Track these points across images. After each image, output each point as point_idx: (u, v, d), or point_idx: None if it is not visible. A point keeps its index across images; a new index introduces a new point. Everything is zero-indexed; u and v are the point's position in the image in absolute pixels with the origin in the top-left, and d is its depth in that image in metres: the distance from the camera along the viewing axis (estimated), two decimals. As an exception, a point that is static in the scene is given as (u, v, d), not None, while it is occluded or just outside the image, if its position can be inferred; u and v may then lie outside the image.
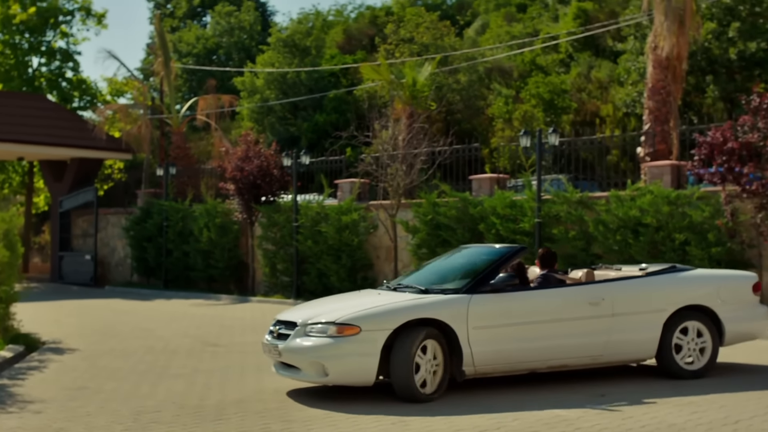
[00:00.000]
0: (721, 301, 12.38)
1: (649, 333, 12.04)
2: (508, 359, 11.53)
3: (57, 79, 42.42)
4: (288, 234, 26.29)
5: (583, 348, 11.85)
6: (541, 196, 20.74)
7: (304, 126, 42.45)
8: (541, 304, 11.91)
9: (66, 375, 13.43)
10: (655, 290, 12.32)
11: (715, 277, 13.15)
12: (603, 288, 12.12)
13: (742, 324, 12.59)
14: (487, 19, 51.53)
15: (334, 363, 10.86)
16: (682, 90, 24.31)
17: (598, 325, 11.84)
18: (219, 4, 60.27)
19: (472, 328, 11.19)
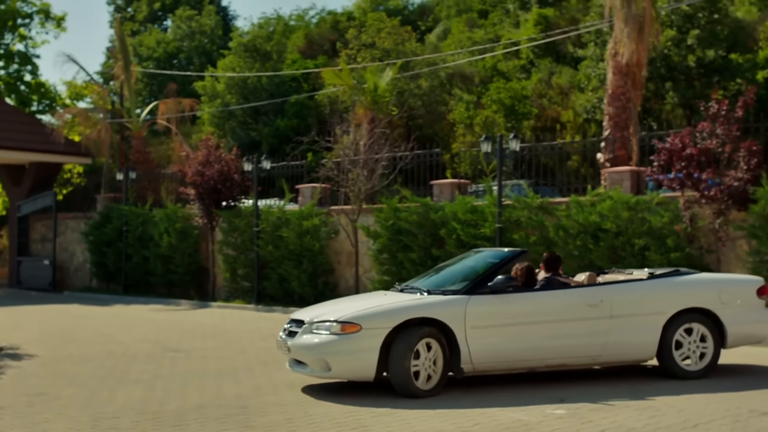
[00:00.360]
0: (723, 304, 12.63)
1: (648, 335, 12.35)
2: (506, 358, 11.97)
3: (15, 82, 42.15)
4: (249, 239, 26.22)
5: (581, 348, 12.22)
6: (501, 201, 20.80)
7: (265, 131, 42.38)
8: (538, 306, 12.28)
9: (24, 381, 13.31)
10: (654, 293, 12.62)
11: (717, 280, 13.48)
12: (601, 291, 12.45)
13: (745, 327, 12.83)
14: (448, 25, 51.70)
15: (336, 359, 11.46)
16: (641, 96, 24.46)
17: (597, 326, 12.19)
18: (180, 8, 60.07)
19: (470, 327, 11.66)
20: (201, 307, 26.08)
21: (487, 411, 10.43)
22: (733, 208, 17.77)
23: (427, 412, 10.48)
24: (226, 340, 18.06)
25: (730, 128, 17.73)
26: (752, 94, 18.29)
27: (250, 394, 11.82)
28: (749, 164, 17.48)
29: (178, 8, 60.43)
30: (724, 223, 17.79)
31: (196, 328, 20.34)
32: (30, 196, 35.61)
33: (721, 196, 17.52)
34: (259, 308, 24.83)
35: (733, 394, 11.31)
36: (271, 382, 12.72)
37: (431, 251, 21.79)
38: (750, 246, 17.87)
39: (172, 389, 12.35)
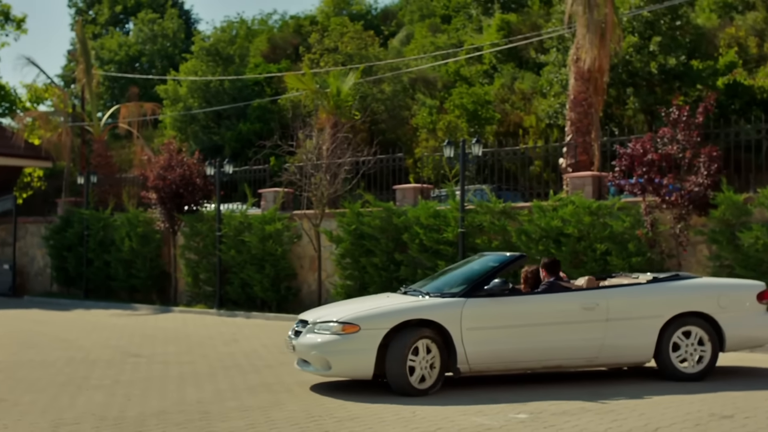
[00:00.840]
0: (722, 308, 12.79)
1: (645, 338, 12.58)
2: (502, 359, 12.33)
3: (-26, 85, 41.81)
4: (211, 243, 26.12)
5: (577, 350, 12.50)
6: (464, 206, 20.83)
7: (227, 135, 42.25)
8: (534, 309, 12.55)
9: (-17, 387, 13.19)
10: (651, 297, 12.86)
11: (715, 285, 13.59)
12: (598, 294, 12.73)
13: (744, 331, 13.02)
14: (411, 30, 51.80)
15: (336, 358, 11.93)
16: (603, 102, 24.62)
17: (593, 329, 12.45)
18: (142, 11, 59.80)
19: (466, 329, 12.02)
20: (163, 312, 25.95)
21: (450, 415, 10.44)
22: (693, 213, 17.91)
23: (390, 417, 10.47)
24: (188, 345, 17.98)
25: (690, 134, 17.86)
26: (712, 101, 18.47)
27: (212, 399, 11.76)
28: (709, 170, 17.62)
29: (140, 11, 60.16)
30: (684, 228, 17.92)
31: (158, 333, 20.23)
32: (-11, 200, 35.34)
33: (682, 201, 17.65)
34: (221, 313, 24.74)
35: (693, 397, 11.38)
36: (233, 387, 12.67)
37: (394, 256, 21.80)
38: (710, 251, 18.02)
39: (133, 395, 12.26)
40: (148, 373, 14.23)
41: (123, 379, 13.60)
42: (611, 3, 23.35)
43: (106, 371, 14.45)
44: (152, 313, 25.70)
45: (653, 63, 31.20)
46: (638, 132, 23.64)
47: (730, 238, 17.48)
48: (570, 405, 10.95)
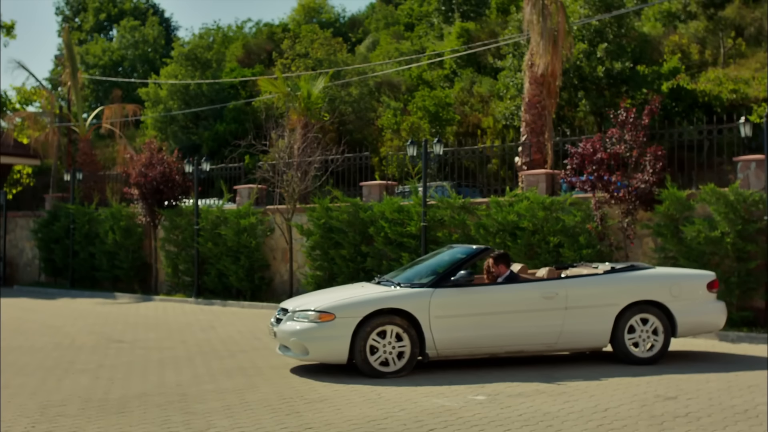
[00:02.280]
0: (674, 296, 12.93)
1: (602, 325, 12.72)
2: (467, 345, 12.48)
3: (-33, 87, 41.38)
4: (189, 236, 25.98)
5: (538, 337, 12.65)
6: (426, 201, 20.81)
7: (205, 135, 42.03)
8: (497, 298, 12.69)
9: (-27, 371, 13.04)
10: (607, 287, 12.98)
11: (668, 275, 13.59)
12: (557, 284, 12.89)
13: (695, 318, 13.16)
14: (377, 37, 51.74)
15: (313, 344, 12.13)
16: (556, 104, 24.66)
17: (552, 317, 12.61)
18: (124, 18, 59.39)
19: (434, 317, 12.22)
20: (144, 301, 25.79)
21: (413, 397, 10.41)
22: (640, 208, 17.96)
23: (357, 398, 10.44)
24: (167, 331, 17.86)
25: (637, 134, 17.91)
26: (657, 103, 18.52)
27: (190, 383, 11.68)
28: (655, 168, 17.67)
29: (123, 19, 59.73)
30: (631, 222, 17.97)
31: (140, 320, 20.09)
32: (-20, 196, 35.03)
33: (629, 197, 17.70)
34: (199, 301, 24.61)
35: (640, 379, 11.43)
36: (210, 371, 12.59)
37: (361, 248, 21.76)
38: (655, 243, 18.09)
39: (116, 378, 12.16)
40: (130, 358, 14.12)
41: (107, 364, 13.48)
42: (563, 12, 23.40)
43: (91, 356, 14.32)
44: (134, 302, 25.53)
45: (601, 68, 31.29)
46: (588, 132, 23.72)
47: (674, 232, 17.55)
48: (525, 387, 10.96)
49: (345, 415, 9.55)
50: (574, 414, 9.43)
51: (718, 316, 13.45)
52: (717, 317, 13.46)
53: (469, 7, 47.38)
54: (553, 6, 23.17)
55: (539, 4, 22.79)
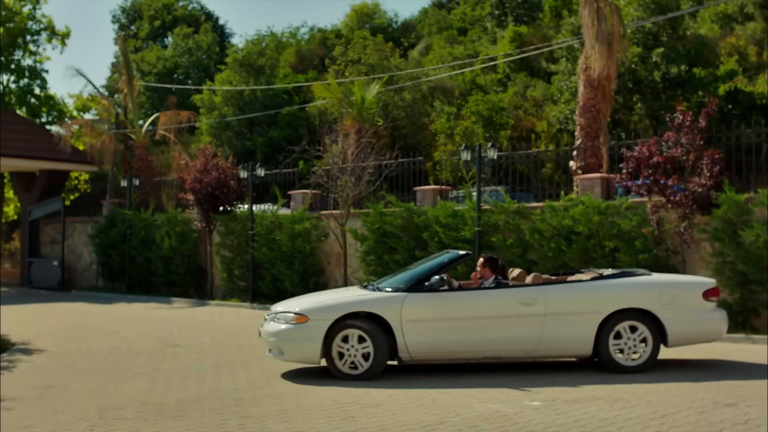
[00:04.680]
0: (664, 305, 12.48)
1: (583, 333, 12.41)
2: (441, 349, 12.48)
3: (26, 95, 41.93)
4: (244, 242, 26.12)
5: (515, 343, 12.43)
6: (480, 206, 20.75)
7: (259, 140, 42.28)
8: (472, 303, 12.63)
9: (34, 374, 13.23)
10: (590, 293, 12.67)
11: (659, 282, 13.04)
12: (537, 291, 12.58)
13: (687, 327, 12.64)
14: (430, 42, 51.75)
15: (288, 345, 12.42)
16: (611, 108, 24.46)
17: (530, 323, 12.37)
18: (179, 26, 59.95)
19: (406, 321, 12.27)
20: (200, 305, 25.97)
21: (468, 402, 10.38)
22: (697, 213, 17.76)
23: (411, 403, 10.42)
24: (223, 336, 17.98)
25: (694, 138, 17.73)
26: (714, 106, 18.31)
27: (246, 387, 11.75)
28: (712, 171, 17.48)
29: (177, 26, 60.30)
30: (688, 226, 17.78)
31: (195, 325, 20.24)
32: (40, 202, 35.54)
33: (686, 201, 17.51)
34: (254, 306, 24.73)
35: (698, 385, 11.28)
36: (266, 375, 12.66)
37: (415, 253, 21.74)
38: (713, 248, 17.87)
39: (172, 382, 12.27)
40: (187, 362, 14.24)
41: (163, 368, 13.61)
42: (618, 15, 23.23)
43: (148, 360, 14.47)
44: (190, 307, 25.72)
45: (656, 72, 31.02)
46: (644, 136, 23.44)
47: (731, 236, 17.32)
48: (581, 393, 10.87)
49: (400, 420, 9.54)
50: (631, 420, 9.33)
51: (715, 326, 12.89)
52: (714, 327, 12.90)
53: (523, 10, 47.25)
54: (607, 9, 23.01)
55: (594, 7, 22.64)
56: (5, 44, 40.51)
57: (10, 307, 24.63)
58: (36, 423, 9.78)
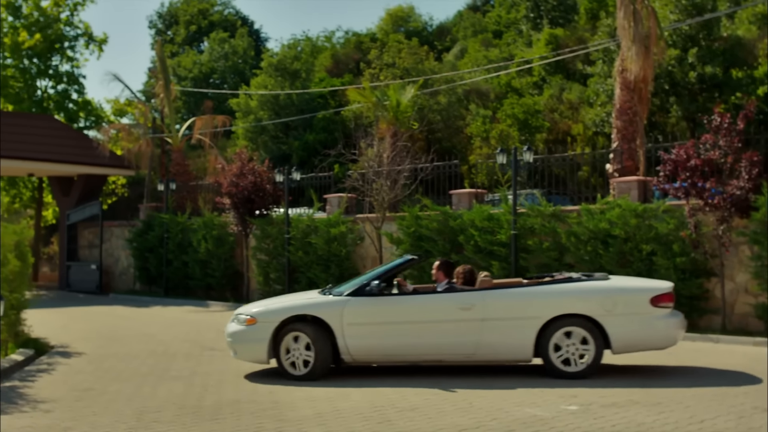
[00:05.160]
0: (607, 311, 12.33)
1: (522, 338, 12.43)
2: (381, 352, 12.91)
3: (63, 100, 42.30)
4: (280, 245, 26.20)
5: (454, 347, 12.67)
6: (516, 209, 20.69)
7: (295, 144, 42.40)
8: (410, 308, 12.96)
9: (73, 377, 13.35)
10: (529, 299, 12.70)
11: (603, 288, 12.82)
12: (475, 296, 12.76)
13: (633, 333, 12.43)
14: (465, 45, 51.68)
15: (239, 346, 13.21)
16: (647, 110, 24.34)
17: (468, 328, 12.54)
18: (215, 31, 60.27)
19: (346, 324, 12.73)
20: (236, 309, 26.02)
21: (505, 406, 10.35)
22: (735, 216, 17.59)
23: (448, 407, 10.41)
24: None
25: (731, 140, 17.58)
26: (752, 108, 18.14)
27: (282, 390, 11.80)
28: (750, 174, 17.32)
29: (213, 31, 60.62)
30: (727, 229, 17.62)
31: (232, 329, 20.28)
32: (78, 206, 35.80)
33: (724, 204, 17.36)
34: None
35: (737, 389, 11.20)
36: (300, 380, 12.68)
37: (450, 256, 21.67)
38: (752, 251, 17.70)
39: (209, 385, 12.34)
40: (223, 365, 14.29)
41: (200, 371, 13.68)
42: (654, 17, 23.12)
43: (185, 363, 14.55)
44: (226, 310, 25.80)
45: (693, 73, 30.82)
46: (681, 138, 23.33)
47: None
48: (619, 396, 10.80)
49: (436, 424, 9.53)
50: (669, 425, 9.27)
51: (665, 332, 12.55)
52: (664, 333, 12.56)
53: (558, 13, 47.09)
54: (644, 11, 22.90)
55: (631, 9, 22.54)
56: (43, 50, 40.91)
57: (49, 310, 24.85)
58: (75, 425, 9.86)
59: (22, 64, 41.00)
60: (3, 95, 40.48)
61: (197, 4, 66.19)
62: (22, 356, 14.90)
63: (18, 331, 16.21)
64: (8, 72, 40.72)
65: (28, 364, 14.73)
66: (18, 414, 10.53)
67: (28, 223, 40.67)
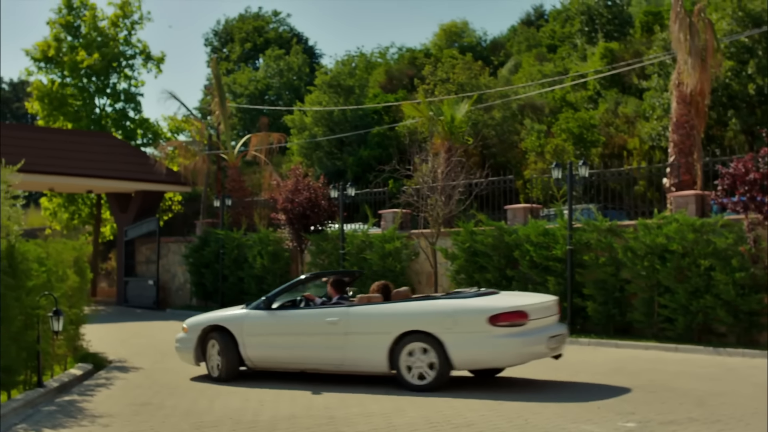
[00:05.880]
0: (447, 329, 12.74)
1: (378, 351, 13.25)
2: (273, 360, 14.50)
3: (121, 118, 42.82)
4: (335, 261, 26.28)
5: (326, 358, 13.86)
6: (572, 224, 20.57)
7: (349, 160, 42.57)
8: (292, 321, 14.30)
9: (131, 391, 13.49)
10: (385, 315, 13.44)
11: (446, 306, 13.15)
12: (340, 311, 13.82)
13: (470, 351, 12.76)
14: (519, 59, 51.60)
15: (179, 351, 15.53)
16: (704, 124, 24.10)
17: (335, 340, 13.68)
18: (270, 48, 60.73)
19: (246, 335, 14.47)
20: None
21: (561, 423, 10.27)
22: (795, 230, 17.35)
23: (503, 424, 10.35)
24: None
25: (792, 153, 17.34)
26: (812, 121, 17.90)
27: (338, 405, 11.81)
28: (810, 187, 17.06)
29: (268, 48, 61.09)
30: (786, 243, 17.37)
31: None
32: (135, 222, 36.21)
33: (784, 218, 17.11)
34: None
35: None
36: (356, 394, 12.69)
37: (506, 272, 21.65)
38: (812, 265, 17.44)
39: (266, 400, 12.40)
40: (278, 379, 14.35)
41: (256, 386, 13.74)
42: (711, 29, 22.92)
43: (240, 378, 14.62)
44: (282, 325, 25.92)
45: (751, 85, 30.47)
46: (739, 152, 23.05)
47: (831, 253, 16.91)
48: (677, 414, 10.68)
49: None
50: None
51: (505, 351, 12.66)
52: (503, 351, 12.69)
53: (613, 26, 46.85)
54: (700, 23, 22.72)
55: (686, 22, 22.37)
56: (101, 69, 41.47)
57: (107, 325, 25.14)
58: (133, 440, 9.96)
59: (80, 83, 41.58)
60: (62, 113, 41.08)
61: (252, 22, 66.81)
62: (80, 371, 15.11)
63: (77, 346, 16.44)
64: (67, 91, 41.31)
65: (86, 379, 14.93)
66: (77, 428, 10.67)
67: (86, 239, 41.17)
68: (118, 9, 42.59)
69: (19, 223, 13.48)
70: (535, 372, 14.27)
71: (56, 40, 41.41)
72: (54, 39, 41.43)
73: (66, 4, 41.77)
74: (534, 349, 12.89)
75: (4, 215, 12.97)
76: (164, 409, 11.84)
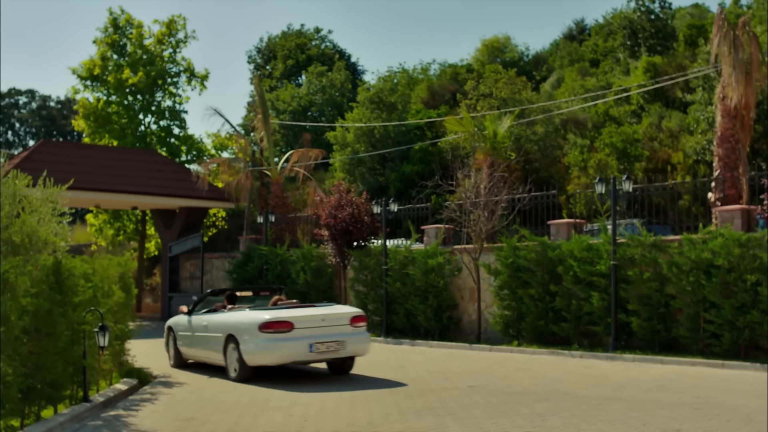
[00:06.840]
0: (240, 334, 16.28)
1: (218, 347, 17.05)
2: (191, 355, 18.83)
3: (166, 135, 43.17)
4: (378, 276, 26.29)
5: (208, 353, 17.73)
6: (616, 239, 20.44)
7: (392, 176, 42.58)
8: (193, 324, 18.37)
9: (175, 407, 13.55)
10: (220, 321, 17.25)
11: (243, 317, 16.60)
12: (208, 317, 17.85)
13: (251, 354, 16.08)
14: (562, 74, 51.44)
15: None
16: (750, 137, 23.89)
17: (209, 340, 17.47)
18: (312, 65, 61.00)
19: (178, 333, 19.12)
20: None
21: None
22: (843, 244, 17.12)
23: None
24: (357, 370, 18.08)
25: (838, 167, 17.14)
26: None
27: (381, 421, 11.79)
28: None
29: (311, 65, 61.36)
30: (834, 258, 17.14)
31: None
32: (180, 238, 36.46)
33: (831, 232, 16.90)
34: (388, 341, 24.83)
35: None
36: (400, 410, 12.67)
37: (549, 287, 21.54)
38: None
39: (309, 416, 12.40)
40: (323, 395, 14.35)
41: (299, 402, 13.77)
42: (756, 42, 22.73)
43: (284, 393, 14.63)
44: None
45: (798, 99, 30.18)
46: (785, 166, 22.83)
47: None
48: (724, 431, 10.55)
49: None
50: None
51: (267, 352, 15.97)
52: (266, 352, 16.01)
53: (656, 40, 46.60)
54: (744, 36, 22.54)
55: (730, 36, 22.21)
56: (146, 86, 41.88)
57: (152, 341, 25.25)
58: (178, 455, 10.00)
59: (126, 101, 42.00)
60: (107, 131, 41.51)
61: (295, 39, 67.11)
62: (125, 386, 15.22)
63: (122, 361, 16.55)
64: (112, 108, 41.76)
65: (131, 394, 15.03)
66: (123, 443, 10.72)
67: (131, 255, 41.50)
68: (164, 27, 43.02)
69: (66, 240, 13.62)
70: (577, 387, 14.15)
71: (102, 59, 41.88)
72: (100, 57, 41.91)
73: (112, 23, 42.25)
74: (296, 351, 15.92)
75: (51, 232, 13.11)
76: (208, 424, 11.89)
